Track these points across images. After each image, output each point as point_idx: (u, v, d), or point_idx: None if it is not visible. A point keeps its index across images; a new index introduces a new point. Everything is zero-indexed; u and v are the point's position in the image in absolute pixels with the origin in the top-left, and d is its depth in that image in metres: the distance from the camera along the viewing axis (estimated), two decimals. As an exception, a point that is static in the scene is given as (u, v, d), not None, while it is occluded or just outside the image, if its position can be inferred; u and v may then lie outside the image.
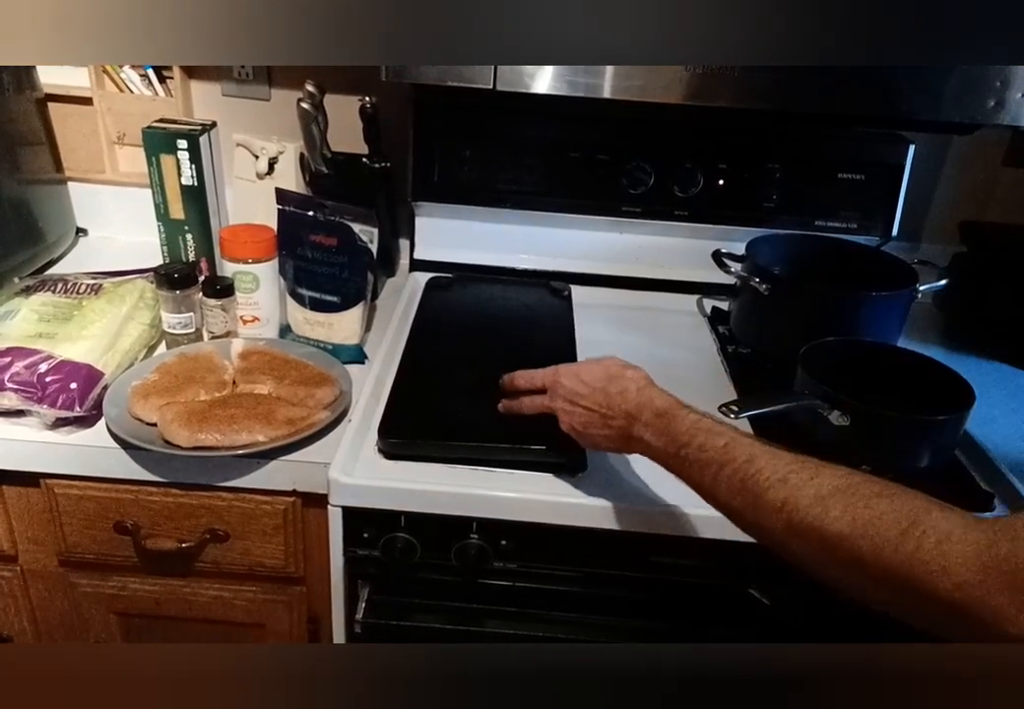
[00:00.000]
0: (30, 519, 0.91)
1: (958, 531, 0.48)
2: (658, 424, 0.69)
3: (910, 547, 0.49)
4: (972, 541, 0.47)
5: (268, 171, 1.11)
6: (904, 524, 0.50)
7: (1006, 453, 0.91)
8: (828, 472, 0.57)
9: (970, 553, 0.47)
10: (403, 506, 0.81)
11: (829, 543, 0.53)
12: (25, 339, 0.89)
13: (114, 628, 0.97)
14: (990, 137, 1.21)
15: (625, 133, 1.17)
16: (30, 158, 1.16)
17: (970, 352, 1.17)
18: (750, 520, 0.60)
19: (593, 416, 0.74)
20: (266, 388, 0.90)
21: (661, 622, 0.87)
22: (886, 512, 0.52)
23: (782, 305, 1.03)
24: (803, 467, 0.58)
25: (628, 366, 0.78)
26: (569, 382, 0.77)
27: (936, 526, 0.49)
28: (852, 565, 0.52)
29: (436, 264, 1.24)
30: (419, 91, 1.12)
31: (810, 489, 0.56)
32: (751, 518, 0.60)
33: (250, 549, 0.89)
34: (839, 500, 0.54)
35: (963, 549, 0.47)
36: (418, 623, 0.87)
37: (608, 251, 1.24)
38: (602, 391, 0.74)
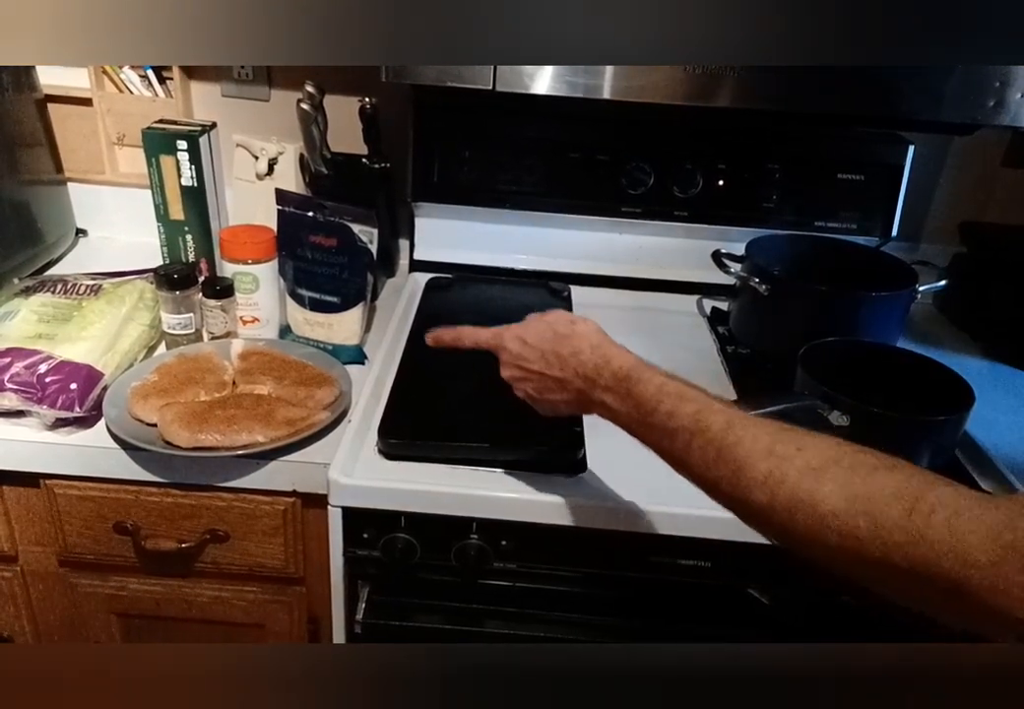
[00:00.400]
0: (30, 519, 0.91)
1: (970, 508, 0.43)
2: (619, 388, 0.64)
3: (916, 524, 0.44)
4: (986, 519, 0.42)
5: (268, 172, 1.11)
6: (907, 500, 0.45)
7: (1006, 453, 0.91)
8: (816, 442, 0.52)
9: (984, 532, 0.42)
10: (403, 506, 0.81)
11: (821, 520, 0.48)
12: (25, 340, 0.89)
13: (114, 628, 0.97)
14: (990, 137, 1.21)
15: (625, 133, 1.17)
16: (30, 159, 1.16)
17: (970, 352, 1.17)
18: (727, 493, 0.54)
19: (546, 380, 0.69)
20: (266, 388, 0.90)
21: (661, 622, 0.87)
22: (886, 486, 0.47)
23: (782, 305, 1.03)
24: (789, 437, 0.53)
25: (576, 321, 0.71)
26: (515, 346, 0.71)
27: (944, 502, 0.44)
28: (847, 543, 0.47)
29: (436, 264, 1.24)
30: (419, 91, 1.12)
31: (798, 460, 0.51)
32: (729, 491, 0.54)
33: (250, 549, 0.89)
34: (832, 473, 0.49)
35: (976, 527, 0.42)
36: (418, 623, 0.87)
37: (608, 251, 1.24)
38: (552, 353, 0.68)
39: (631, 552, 0.82)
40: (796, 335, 0.93)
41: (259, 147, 1.10)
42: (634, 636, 0.86)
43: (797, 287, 1.03)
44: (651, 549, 0.82)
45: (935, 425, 0.81)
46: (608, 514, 0.80)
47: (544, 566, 0.84)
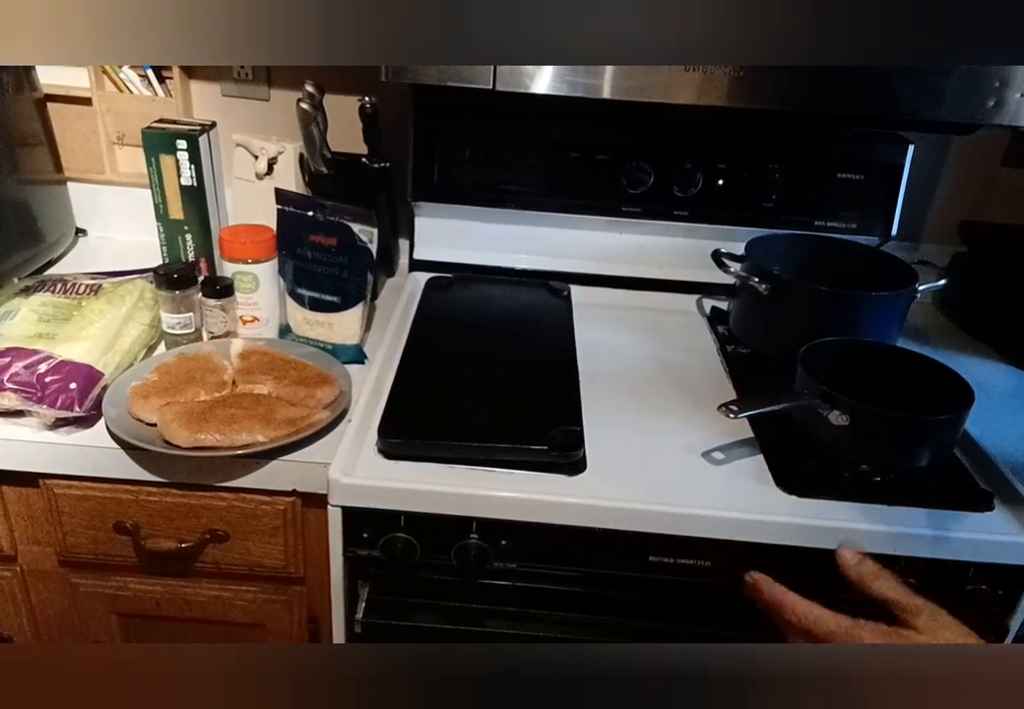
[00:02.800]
0: (30, 519, 0.91)
1: None
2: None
3: None
4: None
5: (268, 171, 1.11)
6: None
7: (1006, 453, 0.91)
8: None
9: None
10: (403, 506, 0.81)
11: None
12: (25, 339, 0.89)
13: (114, 628, 0.97)
14: (990, 137, 1.21)
15: (625, 133, 1.17)
16: (30, 158, 1.16)
17: (970, 352, 1.17)
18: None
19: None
20: (266, 388, 0.90)
21: (661, 622, 0.87)
22: None
23: (782, 305, 1.03)
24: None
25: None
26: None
27: None
28: None
29: (436, 264, 1.24)
30: (419, 91, 1.12)
31: None
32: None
33: (250, 549, 0.89)
34: None
35: None
36: (418, 623, 0.87)
37: (608, 251, 1.24)
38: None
39: (631, 552, 0.82)
40: (796, 335, 0.93)
41: (259, 147, 1.10)
42: (634, 636, 0.86)
43: (797, 287, 1.03)
44: (651, 549, 0.82)
45: (935, 425, 0.81)
46: (608, 514, 0.80)
47: (544, 566, 0.84)
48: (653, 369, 1.05)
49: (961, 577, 0.81)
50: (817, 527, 0.79)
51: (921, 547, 0.79)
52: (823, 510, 0.80)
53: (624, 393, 0.99)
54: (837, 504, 0.81)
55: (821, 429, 0.83)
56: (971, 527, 0.80)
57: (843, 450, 0.84)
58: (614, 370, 1.04)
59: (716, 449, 0.89)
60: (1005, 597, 0.82)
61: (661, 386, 1.01)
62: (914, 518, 0.81)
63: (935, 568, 0.80)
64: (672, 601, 0.86)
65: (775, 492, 0.83)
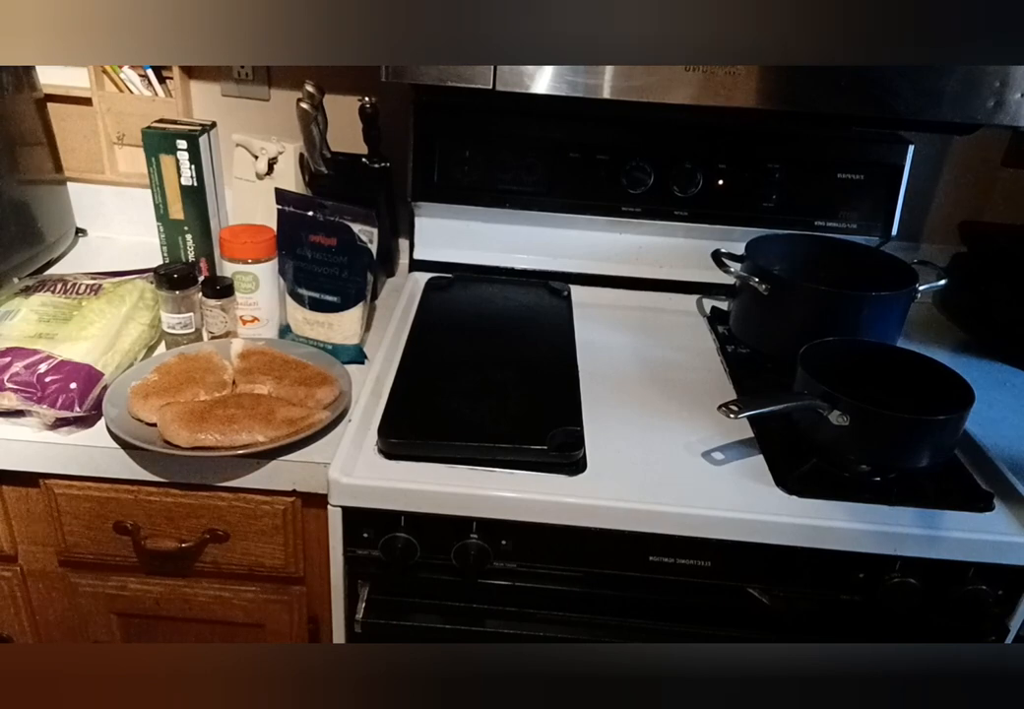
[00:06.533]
0: (30, 519, 0.91)
1: None
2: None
3: None
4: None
5: (268, 171, 1.11)
6: None
7: (1006, 453, 0.91)
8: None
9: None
10: (403, 506, 0.81)
11: None
12: (25, 339, 0.89)
13: (114, 628, 0.97)
14: (990, 137, 1.21)
15: (625, 133, 1.16)
16: (30, 158, 1.16)
17: (970, 352, 1.17)
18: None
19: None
20: (266, 388, 0.90)
21: (661, 622, 0.87)
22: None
23: (782, 305, 1.03)
24: None
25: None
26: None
27: None
28: None
29: (436, 264, 1.24)
30: (419, 91, 1.13)
31: None
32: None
33: (250, 549, 0.89)
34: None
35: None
36: (418, 623, 0.87)
37: (608, 251, 1.24)
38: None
39: (631, 552, 0.82)
40: (796, 335, 0.93)
41: (259, 147, 1.10)
42: (634, 636, 0.86)
43: (797, 287, 1.03)
44: (651, 549, 0.82)
45: (935, 425, 0.81)
46: (608, 514, 0.80)
47: (544, 566, 0.84)
48: (653, 369, 1.05)
49: (961, 577, 0.81)
50: (817, 527, 0.79)
51: (921, 547, 0.79)
52: (823, 510, 0.81)
53: (624, 393, 0.99)
54: (837, 504, 0.81)
55: (821, 429, 0.83)
56: (971, 527, 0.80)
57: (843, 450, 0.84)
58: (614, 370, 1.04)
59: (716, 449, 0.89)
60: (1005, 597, 0.82)
61: (661, 386, 1.01)
62: (914, 518, 0.81)
63: (935, 568, 0.80)
64: (672, 601, 0.86)
65: (775, 492, 0.83)
